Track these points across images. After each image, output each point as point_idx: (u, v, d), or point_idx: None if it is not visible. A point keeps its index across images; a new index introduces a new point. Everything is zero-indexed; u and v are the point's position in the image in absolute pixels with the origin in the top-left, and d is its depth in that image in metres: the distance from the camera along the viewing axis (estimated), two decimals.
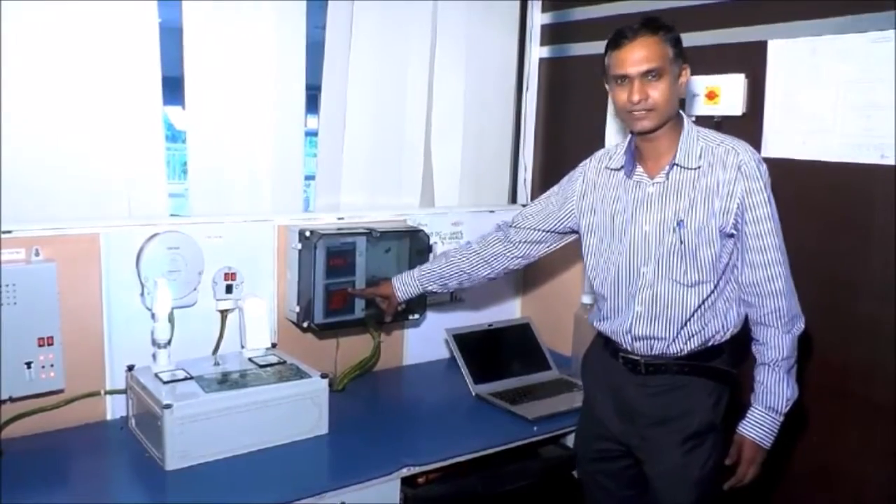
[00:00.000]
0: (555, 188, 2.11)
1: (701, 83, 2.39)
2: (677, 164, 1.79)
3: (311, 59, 2.45)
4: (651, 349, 1.88)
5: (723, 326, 1.87)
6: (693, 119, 2.26)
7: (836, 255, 2.16)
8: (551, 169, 1.86)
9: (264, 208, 2.45)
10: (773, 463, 1.95)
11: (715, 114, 2.37)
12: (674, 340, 1.86)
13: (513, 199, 3.11)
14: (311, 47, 2.44)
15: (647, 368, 1.89)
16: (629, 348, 1.91)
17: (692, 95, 2.40)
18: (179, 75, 2.24)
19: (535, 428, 2.22)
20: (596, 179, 1.97)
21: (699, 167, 1.78)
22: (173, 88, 2.27)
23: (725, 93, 2.34)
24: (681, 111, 1.84)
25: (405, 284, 2.32)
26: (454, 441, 2.12)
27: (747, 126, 2.30)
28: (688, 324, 1.84)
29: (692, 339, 1.86)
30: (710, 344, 1.87)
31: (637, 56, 1.75)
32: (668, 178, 1.81)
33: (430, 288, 2.31)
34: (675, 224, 1.79)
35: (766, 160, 1.84)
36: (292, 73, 2.43)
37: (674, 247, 1.80)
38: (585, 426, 2.10)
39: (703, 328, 1.85)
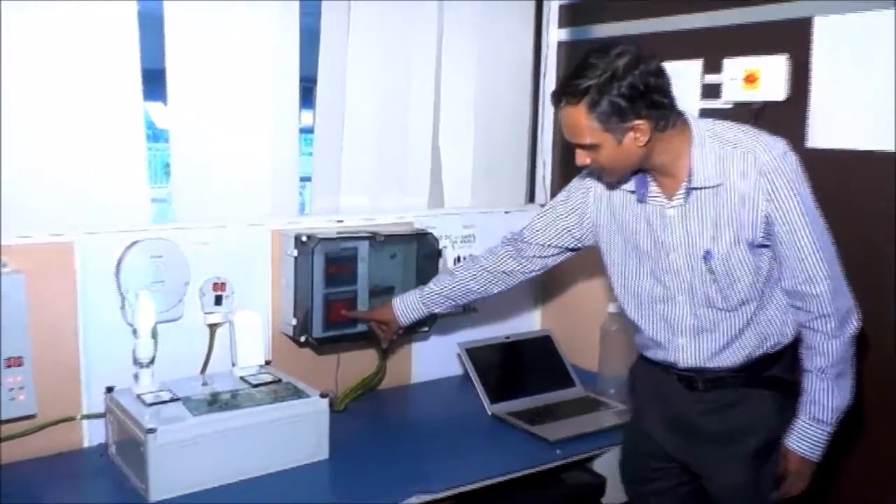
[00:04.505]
0: (561, 197, 2.11)
1: (739, 66, 2.37)
2: (694, 188, 1.79)
3: (306, 49, 2.45)
4: (704, 366, 1.91)
5: (780, 334, 1.88)
6: (729, 105, 2.26)
7: (890, 255, 2.14)
8: (573, 165, 1.85)
9: (256, 212, 2.44)
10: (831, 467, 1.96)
11: (754, 100, 2.35)
12: (727, 356, 1.88)
13: (530, 198, 3.11)
14: (305, 35, 2.44)
15: (703, 385, 1.91)
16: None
17: (730, 80, 2.39)
18: (161, 68, 2.24)
19: (558, 451, 2.22)
20: (608, 197, 1.98)
21: (719, 185, 1.77)
22: (154, 82, 2.25)
23: (766, 76, 2.33)
24: (684, 114, 1.80)
25: (407, 307, 2.32)
26: (468, 466, 2.12)
27: (790, 113, 2.29)
28: (739, 339, 1.87)
29: (747, 352, 1.88)
30: (767, 353, 1.88)
31: (563, 125, 1.77)
32: (686, 201, 1.81)
33: (435, 310, 2.33)
34: (703, 254, 1.81)
35: (811, 151, 1.84)
36: (285, 64, 2.43)
37: (705, 276, 1.83)
38: (634, 445, 2.12)
39: (758, 340, 1.87)
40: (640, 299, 1.95)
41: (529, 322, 3.03)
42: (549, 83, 3.01)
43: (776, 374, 1.89)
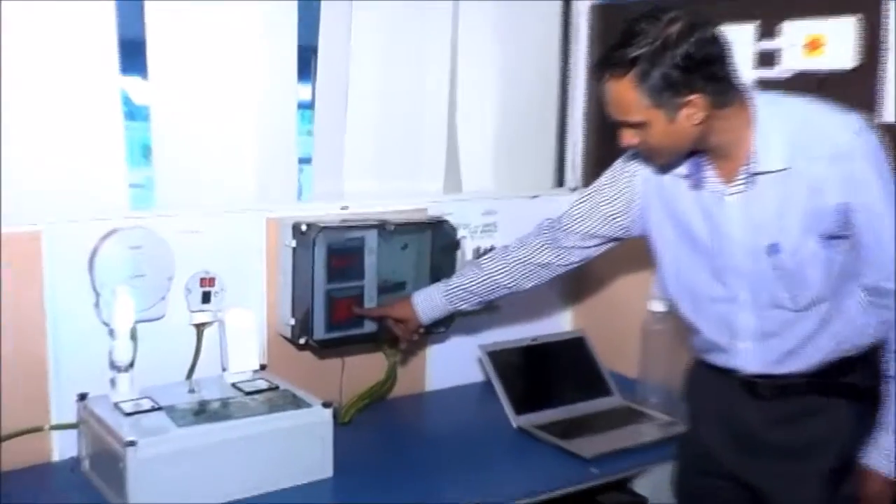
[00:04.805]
0: (604, 180, 2.11)
1: (800, 30, 2.35)
2: (758, 172, 1.77)
3: (304, 14, 2.46)
4: (771, 372, 1.90)
5: (858, 336, 1.86)
6: (788, 74, 2.27)
7: None
8: (608, 143, 1.89)
9: (249, 197, 2.45)
10: None
11: (818, 68, 2.33)
12: (797, 361, 1.87)
13: (559, 181, 3.10)
14: None
15: (770, 392, 1.90)
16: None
17: (789, 45, 2.37)
18: (139, 37, 2.25)
19: (593, 469, 2.21)
20: (658, 182, 1.96)
21: (786, 169, 1.75)
22: (132, 54, 2.27)
23: (832, 41, 2.31)
24: (746, 88, 1.77)
25: (430, 303, 2.32)
26: (491, 486, 2.11)
27: (860, 83, 2.25)
28: (810, 343, 1.85)
29: (820, 357, 1.86)
30: (844, 358, 1.86)
31: (607, 101, 1.76)
32: (748, 187, 1.79)
33: (461, 307, 2.33)
34: (767, 248, 1.79)
35: (886, 127, 1.82)
36: (281, 31, 2.43)
37: (771, 273, 1.81)
38: (688, 460, 2.12)
39: (833, 344, 1.85)
40: (695, 298, 1.94)
41: (559, 322, 3.03)
42: (580, 52, 3.01)
43: (854, 381, 1.86)
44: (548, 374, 2.66)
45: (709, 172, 1.84)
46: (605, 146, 1.77)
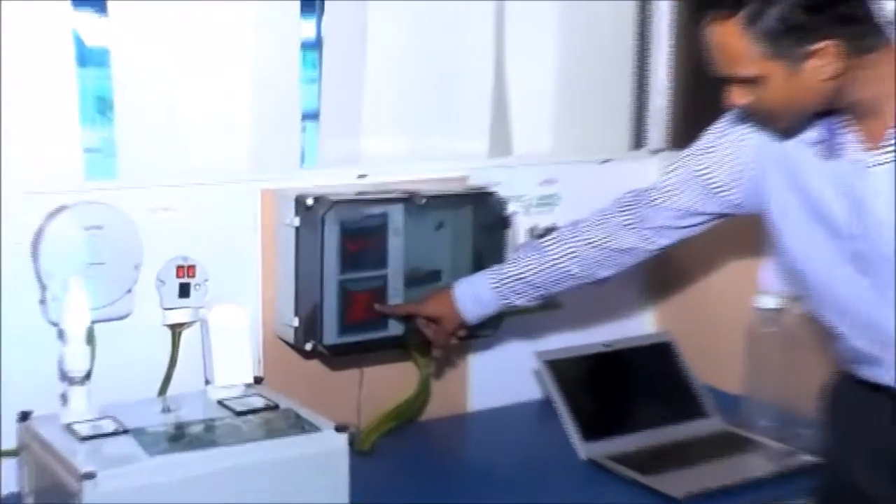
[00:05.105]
0: (704, 143, 2.13)
1: None
2: None
3: None
4: None
5: None
6: None
7: None
8: (704, 94, 1.93)
9: (239, 164, 2.45)
10: None
11: None
12: None
13: (637, 142, 3.08)
14: None
15: None
16: None
17: None
18: None
19: None
20: (777, 149, 1.96)
21: None
22: None
23: None
24: (888, 29, 1.76)
25: (475, 297, 2.31)
26: None
27: None
28: None
29: None
30: None
31: (711, 50, 1.79)
32: None
33: (515, 303, 2.34)
34: None
35: None
36: None
37: None
38: (829, 497, 2.10)
39: None
40: (831, 294, 1.94)
41: (639, 322, 3.02)
42: None
43: None
44: (625, 391, 2.67)
45: (847, 137, 1.84)
46: (698, 97, 1.78)
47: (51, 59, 2.21)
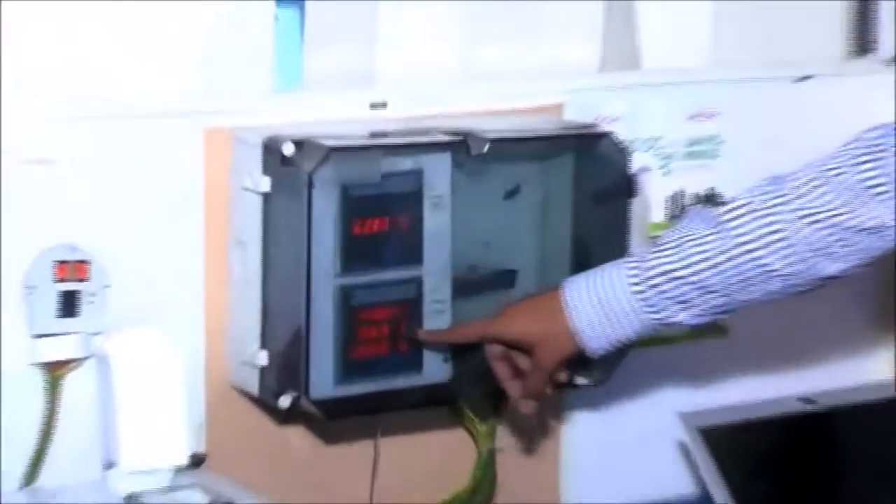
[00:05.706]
0: None
1: None
2: None
3: None
4: None
5: None
6: None
7: None
8: None
9: (167, 85, 1.94)
10: None
11: None
12: None
13: (859, 47, 2.51)
14: None
15: None
16: None
17: None
18: None
19: None
20: None
21: None
22: None
23: None
24: None
25: (606, 306, 1.74)
26: None
27: None
28: None
29: None
30: None
31: None
32: None
33: (674, 319, 1.75)
34: None
35: None
36: None
37: None
38: None
39: None
40: None
41: (864, 363, 2.48)
42: None
43: None
44: (839, 476, 2.21)
45: None
46: None
47: None
